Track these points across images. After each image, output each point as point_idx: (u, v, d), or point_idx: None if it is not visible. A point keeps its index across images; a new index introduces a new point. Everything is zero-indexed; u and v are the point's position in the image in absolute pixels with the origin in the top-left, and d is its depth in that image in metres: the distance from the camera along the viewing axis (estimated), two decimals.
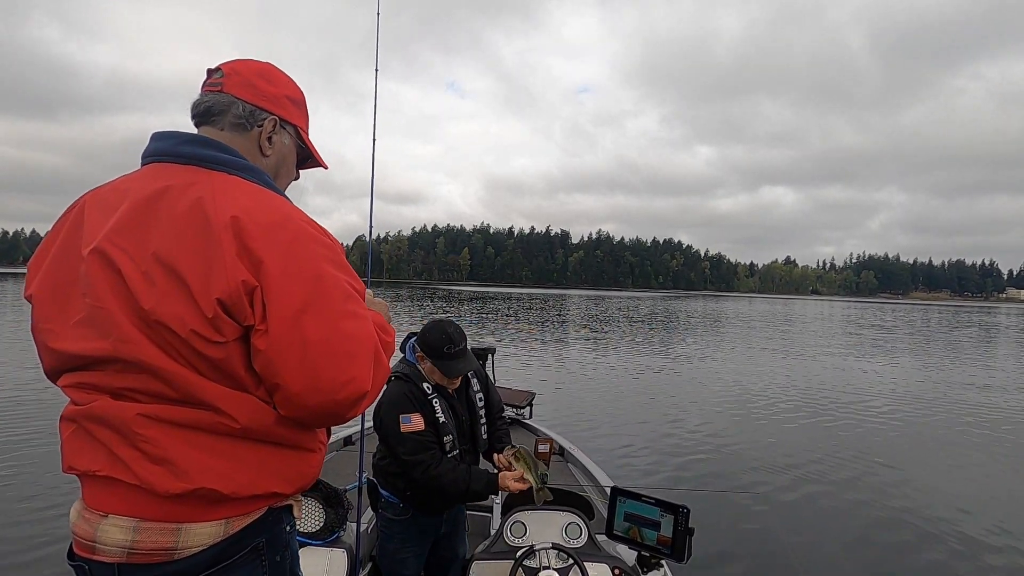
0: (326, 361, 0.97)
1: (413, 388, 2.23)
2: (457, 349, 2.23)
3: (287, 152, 1.24)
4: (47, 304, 1.06)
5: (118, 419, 0.98)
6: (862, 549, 4.45)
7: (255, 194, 1.04)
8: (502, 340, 17.83)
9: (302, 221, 1.04)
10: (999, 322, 46.53)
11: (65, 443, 1.05)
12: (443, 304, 40.38)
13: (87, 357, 1.01)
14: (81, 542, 1.01)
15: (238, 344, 0.99)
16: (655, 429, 7.76)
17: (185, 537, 0.98)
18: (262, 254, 0.97)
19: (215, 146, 1.09)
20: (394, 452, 2.20)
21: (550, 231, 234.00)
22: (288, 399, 0.99)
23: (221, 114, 1.15)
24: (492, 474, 2.23)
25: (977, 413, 9.59)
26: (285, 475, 1.08)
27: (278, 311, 0.96)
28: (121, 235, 1.00)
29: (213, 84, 1.17)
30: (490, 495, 2.24)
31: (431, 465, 2.15)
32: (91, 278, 1.00)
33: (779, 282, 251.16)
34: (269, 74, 1.22)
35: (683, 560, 2.01)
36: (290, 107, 1.23)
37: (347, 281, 1.04)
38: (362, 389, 1.00)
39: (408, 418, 2.17)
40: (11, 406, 7.60)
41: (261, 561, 1.07)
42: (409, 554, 2.35)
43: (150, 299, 0.96)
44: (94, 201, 1.08)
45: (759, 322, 34.42)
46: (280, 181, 1.24)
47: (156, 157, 1.09)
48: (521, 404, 5.34)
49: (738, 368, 13.91)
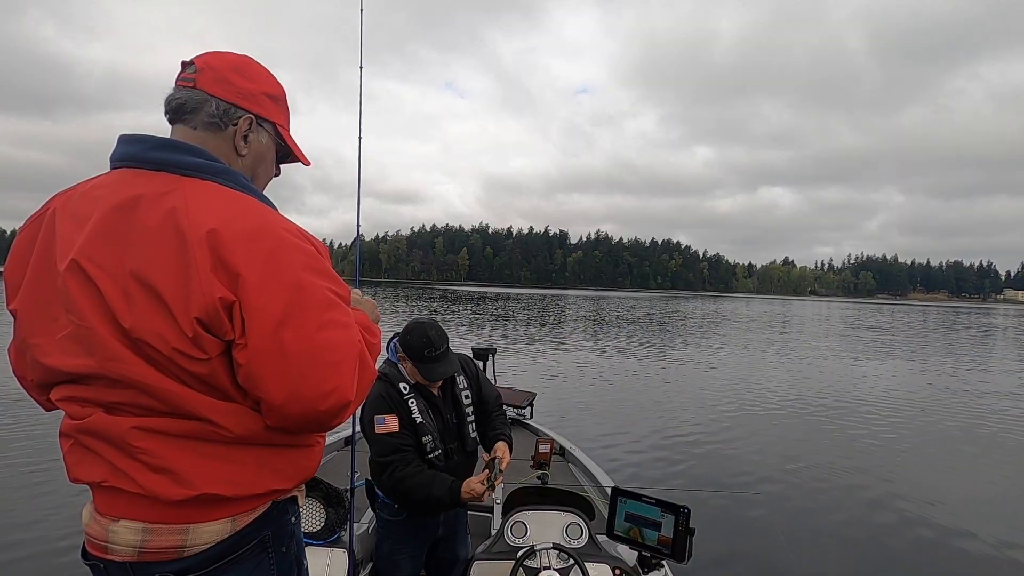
0: (308, 372, 0.96)
1: (390, 388, 2.20)
2: (438, 353, 2.17)
3: (264, 151, 1.19)
4: (32, 319, 1.05)
5: (113, 433, 0.98)
6: (862, 549, 4.45)
7: (230, 201, 1.01)
8: (502, 340, 17.82)
9: (280, 228, 1.01)
10: (997, 323, 46.63)
11: (66, 456, 1.05)
12: (442, 305, 40.35)
13: (74, 373, 1.00)
14: (94, 543, 1.04)
15: (222, 359, 0.98)
16: (656, 429, 7.76)
17: (193, 536, 1.01)
18: (239, 267, 0.95)
19: (187, 150, 1.05)
20: (371, 453, 2.20)
21: (548, 231, 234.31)
22: (271, 410, 0.98)
23: (194, 112, 1.10)
24: (455, 482, 2.14)
25: (977, 414, 9.61)
26: (285, 472, 1.09)
27: (257, 325, 0.95)
28: (96, 249, 0.97)
29: (186, 79, 1.11)
30: (454, 504, 2.16)
31: (397, 467, 2.12)
32: (71, 295, 0.98)
33: (777, 283, 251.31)
34: (245, 69, 1.16)
35: (684, 560, 2.01)
36: (268, 104, 1.18)
37: (328, 288, 1.02)
38: (345, 399, 0.99)
39: (382, 419, 2.15)
40: (16, 406, 7.57)
41: (268, 553, 1.09)
42: (404, 555, 2.32)
43: (129, 317, 0.95)
44: (64, 209, 1.05)
45: (758, 323, 34.45)
46: (258, 181, 1.20)
47: (125, 162, 1.06)
48: (521, 404, 5.34)
49: (738, 368, 13.92)
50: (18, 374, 1.14)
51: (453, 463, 2.29)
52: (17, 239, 1.10)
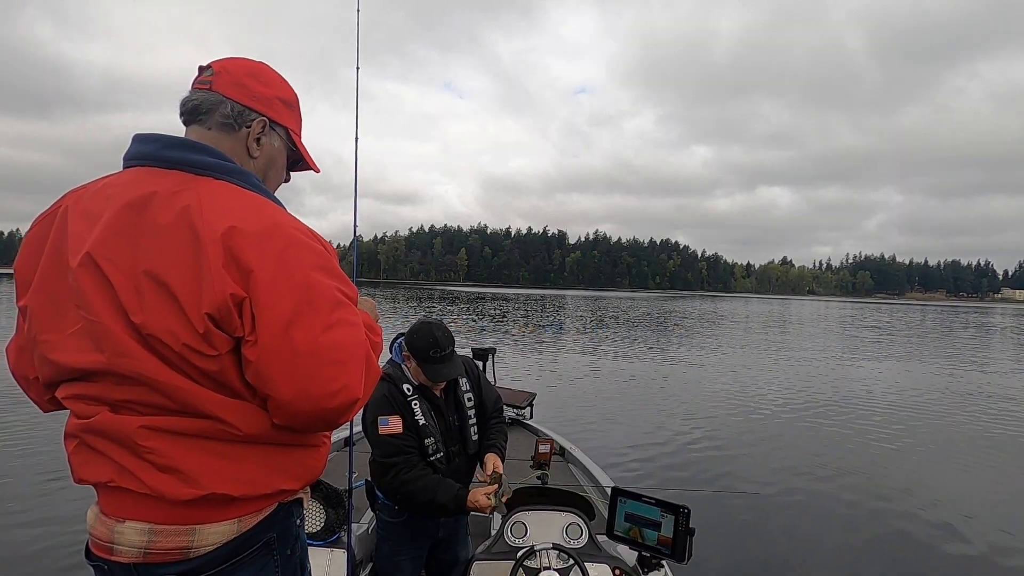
0: (316, 370, 0.97)
1: (393, 389, 2.19)
2: (444, 353, 2.16)
3: (276, 154, 1.21)
4: (42, 316, 1.05)
5: (120, 432, 0.98)
6: (862, 549, 4.45)
7: (243, 200, 1.02)
8: (502, 340, 17.83)
9: (291, 228, 1.02)
10: (995, 322, 46.71)
11: (71, 457, 1.05)
12: (441, 305, 40.34)
13: (84, 370, 1.00)
14: (99, 543, 1.04)
15: (231, 356, 0.99)
16: (655, 429, 7.76)
17: (199, 537, 1.01)
18: (251, 264, 0.96)
19: (201, 149, 1.06)
20: (373, 454, 2.19)
21: (547, 231, 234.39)
22: (280, 408, 0.99)
23: (208, 113, 1.13)
24: (462, 489, 2.14)
25: (977, 414, 9.62)
26: (293, 472, 1.09)
27: (267, 322, 0.95)
28: (108, 246, 0.98)
29: (203, 82, 1.14)
30: (458, 512, 2.15)
31: (401, 469, 2.11)
32: (83, 291, 0.98)
33: (776, 282, 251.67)
34: (261, 74, 1.19)
35: (684, 560, 2.01)
36: (281, 109, 1.21)
37: (337, 288, 1.03)
38: (353, 396, 1.00)
39: (386, 420, 2.14)
40: (18, 406, 7.55)
41: (273, 555, 1.09)
42: (404, 557, 2.31)
43: (140, 313, 0.96)
44: (77, 206, 1.06)
45: (756, 322, 34.48)
46: (269, 184, 1.21)
47: (139, 161, 1.07)
48: (521, 404, 5.34)
49: (737, 368, 13.93)
50: (17, 373, 1.14)
51: (455, 465, 2.28)
52: (27, 235, 1.11)
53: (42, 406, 1.14)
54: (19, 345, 1.12)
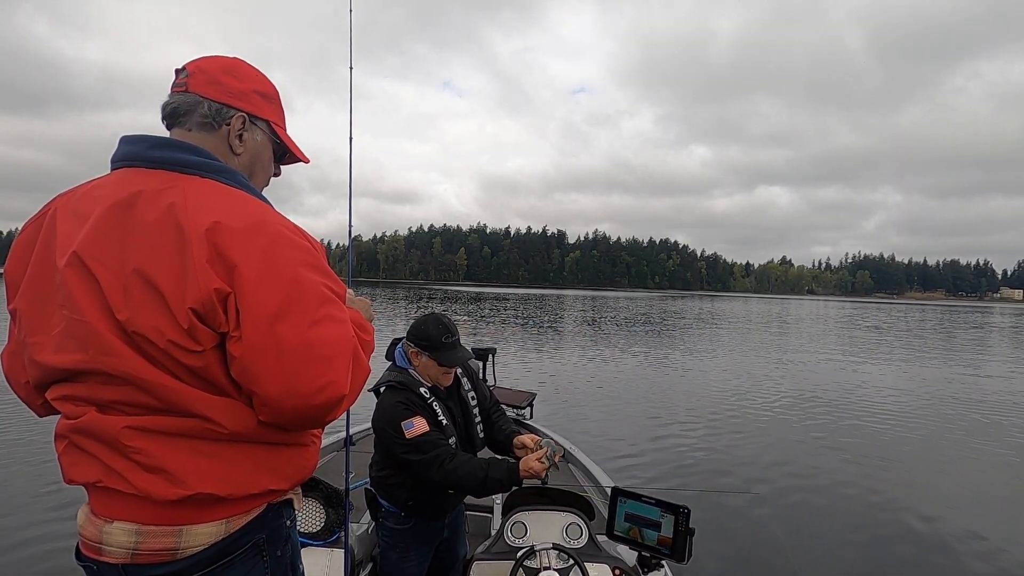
0: (302, 367, 0.96)
1: (410, 395, 2.17)
2: (455, 339, 2.23)
3: (260, 149, 1.20)
4: (31, 318, 1.05)
5: (106, 433, 0.98)
6: (862, 549, 4.45)
7: (229, 197, 1.02)
8: (502, 340, 17.82)
9: (278, 224, 1.02)
10: (994, 322, 46.74)
11: (61, 458, 1.05)
12: (441, 305, 40.32)
13: (69, 370, 1.00)
14: (88, 544, 1.04)
15: (216, 352, 0.99)
16: (655, 429, 7.76)
17: (187, 538, 1.00)
18: (236, 260, 0.96)
19: (187, 149, 1.06)
20: (406, 461, 2.11)
21: (546, 231, 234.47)
22: (265, 405, 0.98)
23: (188, 114, 1.12)
24: (512, 462, 2.14)
25: (977, 414, 9.62)
26: (281, 472, 1.09)
27: (252, 317, 0.95)
28: (96, 245, 0.98)
29: (179, 84, 1.14)
30: (511, 484, 2.14)
31: (446, 460, 2.08)
32: (68, 289, 0.98)
33: (775, 282, 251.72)
34: (235, 70, 1.18)
35: (684, 561, 2.00)
36: (260, 102, 1.19)
37: (324, 284, 1.03)
38: (339, 393, 0.99)
39: (411, 423, 2.11)
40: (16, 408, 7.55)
41: (262, 557, 1.09)
42: (412, 562, 2.31)
43: (125, 310, 0.95)
44: (65, 208, 1.06)
45: (756, 322, 34.50)
46: (256, 180, 1.21)
47: (126, 162, 1.07)
48: (521, 404, 5.34)
49: (737, 368, 13.93)
50: (10, 379, 1.13)
51: None
52: (17, 239, 1.11)
53: (36, 411, 1.13)
54: (11, 351, 1.11)
